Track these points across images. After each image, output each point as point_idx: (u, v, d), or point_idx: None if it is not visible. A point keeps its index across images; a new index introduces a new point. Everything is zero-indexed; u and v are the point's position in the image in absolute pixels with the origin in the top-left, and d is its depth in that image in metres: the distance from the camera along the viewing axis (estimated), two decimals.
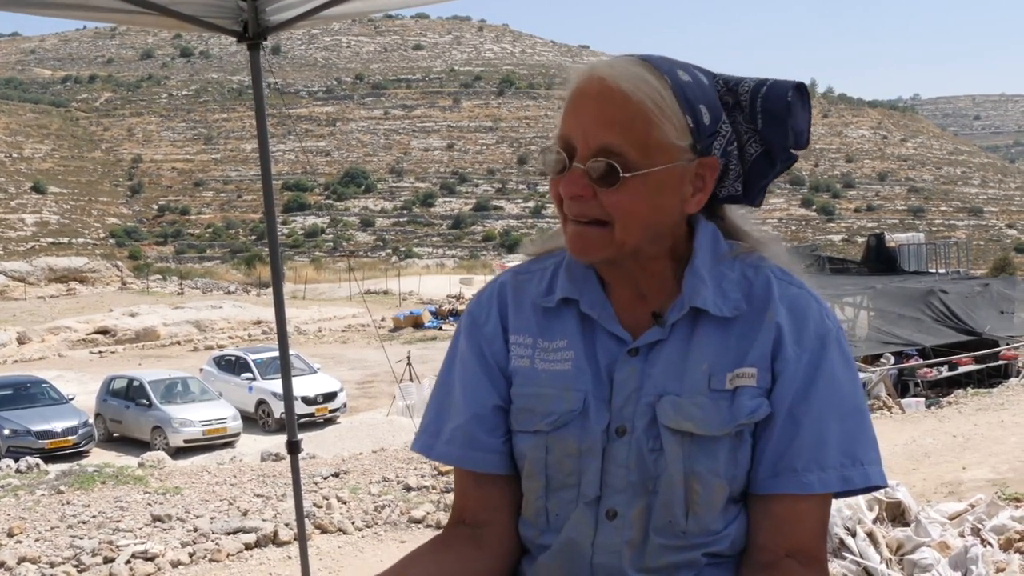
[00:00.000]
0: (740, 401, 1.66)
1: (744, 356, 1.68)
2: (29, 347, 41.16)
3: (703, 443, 1.65)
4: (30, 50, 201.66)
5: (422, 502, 11.67)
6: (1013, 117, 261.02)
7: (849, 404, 1.67)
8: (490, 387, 1.78)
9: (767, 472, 1.67)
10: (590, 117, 1.63)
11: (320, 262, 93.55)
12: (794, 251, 1.86)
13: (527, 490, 1.76)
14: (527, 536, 1.78)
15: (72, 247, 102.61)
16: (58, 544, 10.19)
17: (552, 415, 1.72)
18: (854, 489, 1.67)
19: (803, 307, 1.70)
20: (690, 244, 1.74)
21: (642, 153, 1.61)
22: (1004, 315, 28.85)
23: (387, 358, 12.60)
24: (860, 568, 6.20)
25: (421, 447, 1.84)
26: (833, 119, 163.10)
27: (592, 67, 1.65)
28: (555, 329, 1.77)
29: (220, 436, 23.36)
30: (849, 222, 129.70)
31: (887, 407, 18.83)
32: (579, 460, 1.71)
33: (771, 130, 1.73)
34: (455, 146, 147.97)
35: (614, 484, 1.69)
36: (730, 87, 1.75)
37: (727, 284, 1.71)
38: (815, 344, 1.68)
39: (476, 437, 1.77)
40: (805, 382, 1.66)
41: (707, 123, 1.67)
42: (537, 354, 1.76)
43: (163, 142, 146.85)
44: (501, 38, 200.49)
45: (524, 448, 1.75)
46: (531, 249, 1.91)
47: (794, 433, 1.65)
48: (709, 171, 1.69)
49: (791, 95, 1.72)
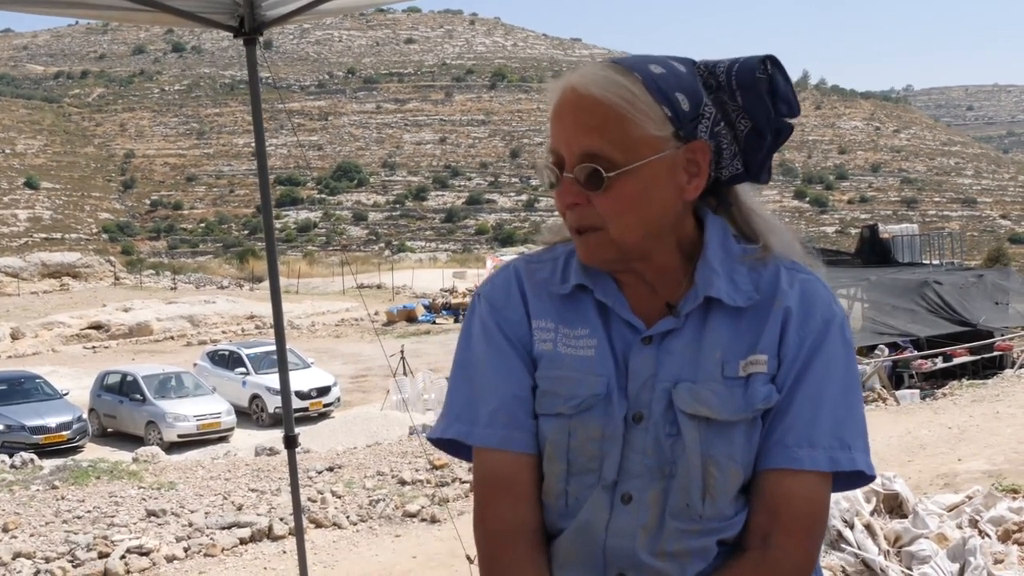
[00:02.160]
0: (754, 387, 1.70)
1: (756, 343, 1.72)
2: (22, 342, 41.11)
3: (720, 428, 1.69)
4: (22, 46, 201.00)
5: (417, 496, 11.68)
6: (1006, 108, 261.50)
7: (844, 389, 1.72)
8: (523, 368, 1.79)
9: (761, 448, 1.71)
10: (570, 127, 1.69)
11: (313, 256, 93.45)
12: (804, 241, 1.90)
13: (548, 473, 1.77)
14: (547, 520, 1.79)
15: (65, 242, 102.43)
16: (53, 539, 10.18)
17: (575, 398, 1.74)
18: (841, 474, 1.70)
19: (811, 293, 1.75)
20: (700, 238, 1.78)
21: (623, 151, 1.66)
22: (999, 306, 28.91)
23: (383, 351, 12.57)
24: (858, 560, 6.19)
25: (458, 433, 1.81)
26: (826, 110, 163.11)
27: (566, 79, 1.72)
28: (576, 317, 1.79)
29: (214, 431, 23.33)
30: (842, 214, 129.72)
31: (882, 399, 18.85)
32: (601, 445, 1.73)
33: (750, 103, 1.77)
34: (447, 140, 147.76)
35: (631, 469, 1.72)
36: (710, 70, 1.78)
37: (738, 276, 1.75)
38: (819, 327, 1.72)
39: (518, 417, 1.78)
40: (804, 363, 1.71)
41: (686, 109, 1.71)
42: (560, 339, 1.78)
43: (155, 137, 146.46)
44: (493, 31, 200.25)
45: (547, 431, 1.77)
46: (544, 238, 1.93)
47: (788, 411, 1.70)
48: (700, 155, 1.73)
49: (760, 67, 1.76)
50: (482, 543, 1.80)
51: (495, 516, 1.79)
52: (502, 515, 1.78)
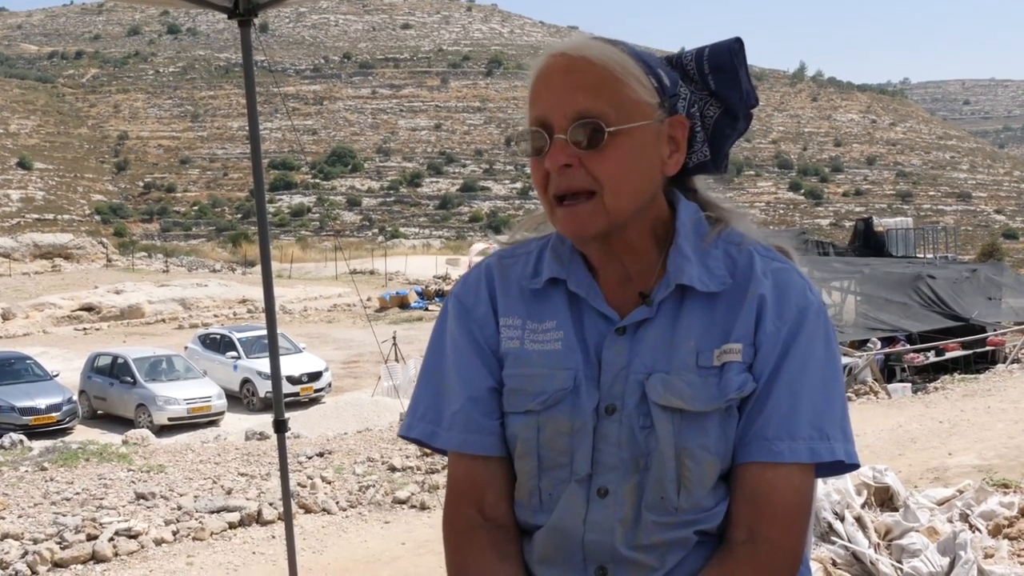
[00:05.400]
0: (728, 377, 1.68)
1: (730, 332, 1.70)
2: (13, 323, 41.01)
3: (693, 419, 1.68)
4: (16, 25, 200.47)
5: (407, 483, 11.68)
6: (1002, 102, 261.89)
7: (823, 378, 1.70)
8: (484, 370, 1.79)
9: (740, 441, 1.69)
10: (562, 89, 1.67)
11: (306, 241, 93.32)
12: (782, 234, 1.90)
13: (520, 471, 1.77)
14: (521, 517, 1.79)
15: (57, 223, 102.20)
16: (41, 521, 10.16)
17: (543, 394, 1.73)
18: (825, 465, 1.70)
19: (786, 281, 1.73)
20: (672, 223, 1.76)
21: (619, 111, 1.66)
22: (992, 301, 28.95)
23: (374, 337, 12.53)
24: (848, 553, 6.19)
25: (421, 433, 1.83)
26: (822, 103, 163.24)
27: (551, 48, 1.71)
28: (544, 310, 1.78)
29: (204, 414, 23.28)
30: (837, 206, 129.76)
31: (873, 392, 18.84)
32: (571, 439, 1.72)
33: (725, 86, 1.78)
34: (443, 126, 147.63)
35: (605, 462, 1.71)
36: (673, 62, 1.80)
37: (711, 261, 1.73)
38: (795, 316, 1.70)
39: (474, 420, 1.78)
40: (781, 353, 1.69)
41: (668, 84, 1.74)
42: (527, 335, 1.78)
43: (149, 119, 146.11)
44: (490, 18, 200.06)
45: (516, 429, 1.76)
46: (516, 233, 1.93)
47: (766, 402, 1.68)
48: (680, 130, 1.74)
49: (735, 47, 1.77)
50: (446, 540, 1.82)
51: (459, 515, 1.81)
52: (465, 513, 1.80)
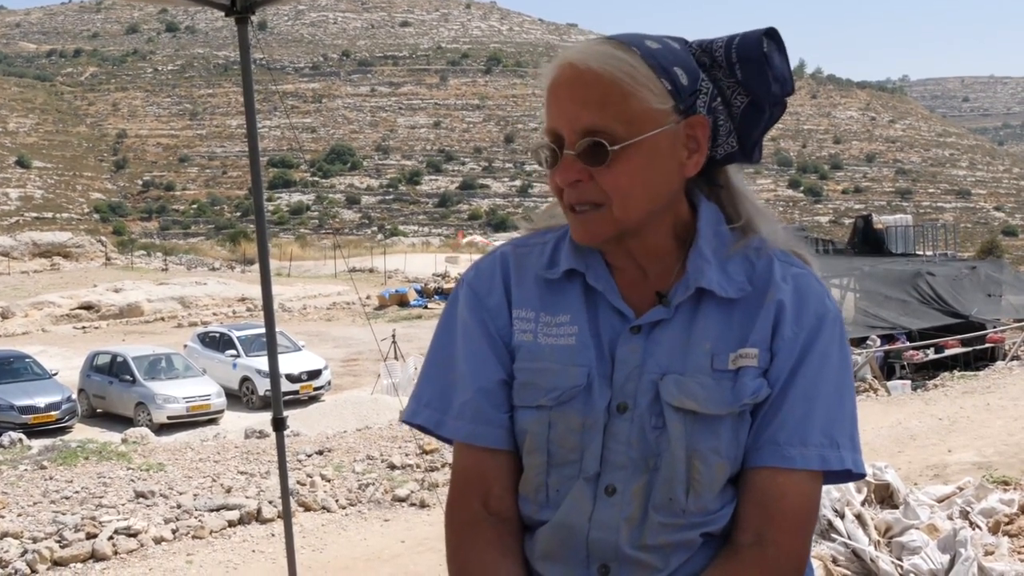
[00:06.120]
0: (743, 381, 1.67)
1: (746, 337, 1.69)
2: (12, 322, 40.96)
3: (706, 422, 1.67)
4: (15, 23, 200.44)
5: (406, 481, 11.67)
6: (1002, 99, 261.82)
7: (837, 386, 1.70)
8: (495, 361, 1.77)
9: (751, 445, 1.69)
10: (569, 103, 1.65)
11: (305, 239, 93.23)
12: (792, 231, 1.86)
13: (528, 466, 1.76)
14: (525, 512, 1.78)
15: (56, 222, 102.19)
16: (40, 519, 10.14)
17: (556, 390, 1.71)
18: (831, 472, 1.69)
19: (805, 287, 1.72)
20: (693, 224, 1.75)
21: (626, 125, 1.63)
22: (991, 298, 28.99)
23: (374, 336, 12.52)
24: (849, 550, 6.18)
25: (426, 421, 1.81)
26: (821, 100, 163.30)
27: (562, 56, 1.69)
28: (558, 303, 1.76)
29: (204, 413, 23.22)
30: (836, 204, 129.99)
31: (873, 389, 18.85)
32: (581, 436, 1.71)
33: (751, 77, 1.74)
34: (442, 124, 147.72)
35: (614, 460, 1.69)
36: (704, 48, 1.76)
37: (731, 266, 1.72)
38: (813, 323, 1.69)
39: (484, 411, 1.76)
40: (798, 359, 1.68)
41: (685, 83, 1.69)
42: (540, 328, 1.76)
43: (148, 117, 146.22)
44: (489, 15, 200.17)
45: (526, 423, 1.74)
46: (534, 224, 1.90)
47: (780, 408, 1.67)
48: (700, 130, 1.71)
49: (765, 40, 1.73)
50: (448, 532, 1.80)
51: (463, 507, 1.79)
52: (469, 506, 1.78)
